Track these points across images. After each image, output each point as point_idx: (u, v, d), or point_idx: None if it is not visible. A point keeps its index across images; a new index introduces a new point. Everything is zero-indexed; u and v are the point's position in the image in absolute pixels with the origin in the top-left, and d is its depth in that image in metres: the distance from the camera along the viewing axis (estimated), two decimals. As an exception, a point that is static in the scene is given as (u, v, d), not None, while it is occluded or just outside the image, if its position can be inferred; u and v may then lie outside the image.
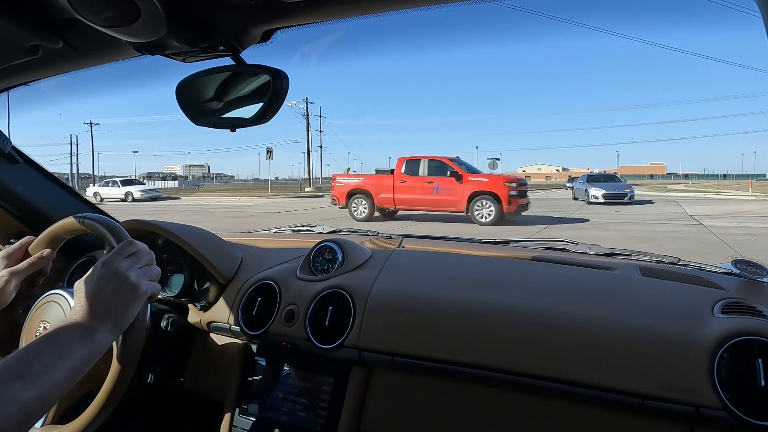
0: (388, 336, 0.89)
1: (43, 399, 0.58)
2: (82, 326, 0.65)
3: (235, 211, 16.06)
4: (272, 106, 0.70)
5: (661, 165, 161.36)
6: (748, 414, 0.65)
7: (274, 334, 0.98)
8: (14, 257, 0.87)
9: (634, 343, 0.74)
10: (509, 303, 0.87)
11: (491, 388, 0.83)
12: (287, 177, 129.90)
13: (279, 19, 0.66)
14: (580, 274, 0.99)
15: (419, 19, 5.03)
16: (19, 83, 0.97)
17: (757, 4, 0.42)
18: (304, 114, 41.36)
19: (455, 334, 0.85)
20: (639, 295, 0.87)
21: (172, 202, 23.33)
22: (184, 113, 0.76)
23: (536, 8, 30.43)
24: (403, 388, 0.90)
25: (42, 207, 1.21)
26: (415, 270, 1.04)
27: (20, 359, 0.60)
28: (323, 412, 0.93)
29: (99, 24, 0.60)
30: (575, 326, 0.79)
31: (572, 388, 0.75)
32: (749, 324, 0.71)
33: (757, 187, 25.30)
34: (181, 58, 0.72)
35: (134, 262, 0.73)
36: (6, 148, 1.11)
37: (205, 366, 1.10)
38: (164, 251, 1.17)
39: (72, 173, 45.85)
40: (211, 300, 1.09)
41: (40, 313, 0.87)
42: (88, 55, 0.82)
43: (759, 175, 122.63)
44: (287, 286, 1.02)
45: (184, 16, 0.62)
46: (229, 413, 1.01)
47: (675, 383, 0.70)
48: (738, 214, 12.74)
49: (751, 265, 0.95)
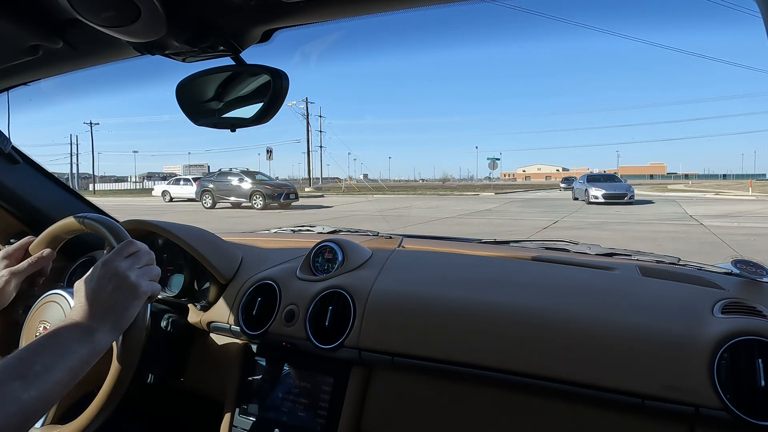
0: (388, 336, 0.89)
1: (43, 399, 0.58)
2: (82, 326, 0.65)
3: (235, 211, 16.06)
4: (272, 106, 0.70)
5: (661, 165, 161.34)
6: (748, 414, 0.65)
7: (274, 334, 0.98)
8: (14, 257, 0.87)
9: (634, 343, 0.74)
10: (509, 303, 0.87)
11: (491, 388, 0.83)
12: (287, 177, 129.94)
13: (279, 19, 0.66)
14: (580, 274, 0.99)
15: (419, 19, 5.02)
16: (19, 83, 0.97)
17: (757, 4, 0.42)
18: (304, 114, 41.37)
19: (455, 334, 0.85)
20: (639, 295, 0.87)
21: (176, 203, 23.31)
22: (184, 113, 0.76)
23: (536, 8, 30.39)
24: (403, 388, 0.90)
25: (42, 207, 1.21)
26: (415, 270, 1.04)
27: (20, 359, 0.60)
28: (323, 412, 0.93)
29: (99, 24, 0.60)
30: (575, 326, 0.79)
31: (572, 388, 0.75)
32: (749, 324, 0.71)
33: (757, 187, 25.30)
34: (181, 58, 0.72)
35: (134, 262, 0.73)
36: (6, 148, 1.11)
37: (205, 366, 1.10)
38: (164, 251, 1.17)
39: (72, 173, 45.87)
40: (211, 300, 1.09)
41: (40, 313, 0.87)
42: (88, 55, 0.82)
43: (759, 175, 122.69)
44: (287, 286, 1.02)
45: (184, 16, 0.62)
46: (229, 413, 1.01)
47: (675, 383, 0.70)
48: (738, 214, 12.74)
49: (751, 265, 0.95)
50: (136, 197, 29.31)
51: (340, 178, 48.72)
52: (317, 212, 15.03)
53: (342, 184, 39.14)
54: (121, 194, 37.77)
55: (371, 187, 37.03)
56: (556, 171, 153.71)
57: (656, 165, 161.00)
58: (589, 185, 18.54)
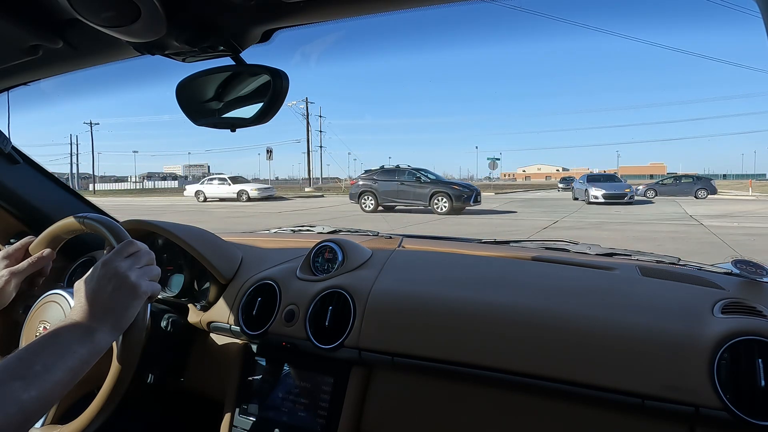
0: (388, 336, 0.89)
1: (43, 399, 0.58)
2: (82, 326, 0.65)
3: (235, 211, 16.06)
4: (272, 106, 0.70)
5: (661, 165, 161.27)
6: (748, 414, 0.65)
7: (274, 334, 0.98)
8: (14, 257, 0.87)
9: (634, 343, 0.74)
10: (509, 303, 0.87)
11: (491, 388, 0.83)
12: (287, 177, 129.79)
13: (279, 19, 0.66)
14: (580, 274, 0.99)
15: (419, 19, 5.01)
16: (19, 83, 0.97)
17: (757, 4, 0.42)
18: (304, 114, 41.35)
19: (455, 334, 0.85)
20: (639, 295, 0.87)
21: (173, 201, 23.30)
22: (184, 113, 0.76)
23: (536, 8, 30.42)
24: (403, 388, 0.90)
25: (42, 207, 1.21)
26: (415, 270, 1.04)
27: (20, 359, 0.60)
28: (323, 412, 0.93)
29: (99, 24, 0.60)
30: (575, 326, 0.79)
31: (572, 388, 0.75)
32: (749, 324, 0.71)
33: (757, 187, 25.29)
34: (181, 58, 0.72)
35: (134, 262, 0.73)
36: (6, 148, 1.11)
37: (205, 366, 1.10)
38: (164, 251, 1.17)
39: (72, 173, 45.86)
40: (211, 300, 1.09)
41: (40, 313, 0.87)
42: (88, 55, 0.82)
43: (759, 175, 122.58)
44: (287, 286, 1.02)
45: (184, 16, 0.63)
46: (229, 413, 1.01)
47: (675, 383, 0.70)
48: (738, 214, 12.74)
49: (751, 265, 0.95)
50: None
51: (339, 178, 48.73)
52: (317, 212, 15.01)
53: (342, 184, 39.14)
54: (120, 194, 37.68)
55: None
56: (556, 171, 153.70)
57: (656, 165, 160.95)
58: (589, 185, 18.55)
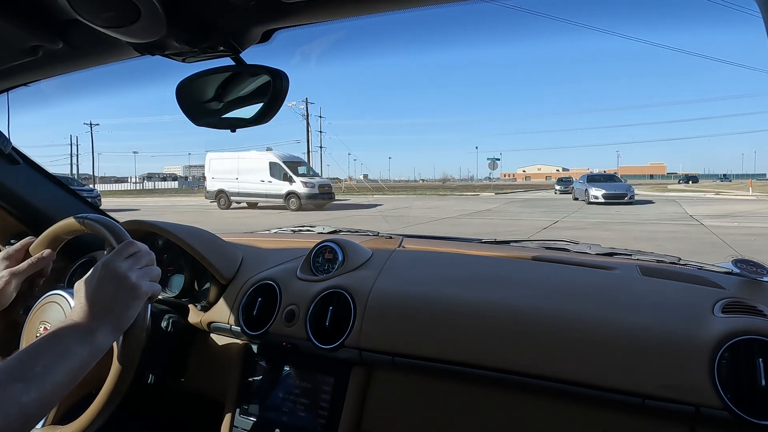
0: (388, 336, 0.89)
1: (43, 400, 0.58)
2: (82, 327, 0.65)
3: (235, 212, 16.05)
4: (272, 106, 0.70)
5: (661, 165, 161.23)
6: (749, 413, 0.65)
7: (275, 335, 0.98)
8: (14, 258, 0.87)
9: (635, 343, 0.74)
10: (509, 303, 0.87)
11: (492, 388, 0.83)
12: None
13: (279, 19, 0.66)
14: (580, 273, 0.99)
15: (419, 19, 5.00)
16: (19, 84, 0.97)
17: (757, 4, 0.42)
18: (303, 114, 41.32)
19: (456, 334, 0.85)
20: (639, 295, 0.87)
21: (173, 201, 23.28)
22: (184, 114, 0.76)
23: (536, 8, 30.42)
24: (404, 388, 0.90)
25: (42, 207, 1.21)
26: (415, 270, 1.04)
27: (21, 360, 0.60)
28: (324, 412, 0.93)
29: (99, 24, 0.60)
30: (576, 326, 0.79)
31: (572, 388, 0.75)
32: (750, 323, 0.71)
33: (757, 187, 25.29)
34: (181, 59, 0.72)
35: (134, 262, 0.72)
36: (6, 149, 1.11)
37: (205, 366, 1.10)
38: (164, 251, 1.17)
39: (72, 174, 45.86)
40: (212, 300, 1.09)
41: (41, 314, 0.87)
42: (88, 55, 0.82)
43: (759, 175, 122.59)
44: (287, 286, 1.02)
45: (184, 17, 0.62)
46: (229, 413, 1.01)
47: (675, 383, 0.70)
48: (738, 214, 12.73)
49: (752, 264, 0.95)
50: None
51: (340, 179, 48.70)
52: (317, 212, 14.99)
53: (342, 185, 39.15)
54: (121, 195, 37.61)
55: (371, 188, 37.03)
56: (556, 171, 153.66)
57: (656, 165, 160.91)
58: (590, 185, 18.55)
